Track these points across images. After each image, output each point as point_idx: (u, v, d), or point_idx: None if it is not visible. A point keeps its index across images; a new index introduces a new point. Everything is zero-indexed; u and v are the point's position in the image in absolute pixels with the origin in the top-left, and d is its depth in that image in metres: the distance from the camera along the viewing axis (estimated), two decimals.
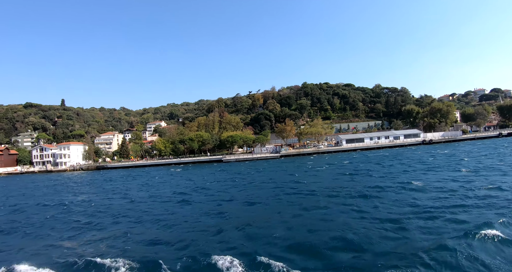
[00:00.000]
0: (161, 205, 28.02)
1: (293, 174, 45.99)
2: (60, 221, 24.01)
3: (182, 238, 16.55)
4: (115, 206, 29.14)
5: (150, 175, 66.89)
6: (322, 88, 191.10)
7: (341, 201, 22.96)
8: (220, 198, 28.95)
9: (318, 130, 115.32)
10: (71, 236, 19.39)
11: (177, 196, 32.13)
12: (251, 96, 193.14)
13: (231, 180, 44.36)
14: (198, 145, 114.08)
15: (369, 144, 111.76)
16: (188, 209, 25.03)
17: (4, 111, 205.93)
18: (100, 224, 21.94)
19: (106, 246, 16.40)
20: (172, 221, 20.86)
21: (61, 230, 21.05)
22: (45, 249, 16.92)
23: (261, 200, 26.13)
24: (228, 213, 22.01)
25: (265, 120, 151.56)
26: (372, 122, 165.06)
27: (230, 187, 36.46)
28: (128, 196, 35.12)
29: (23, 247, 17.69)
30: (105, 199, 34.39)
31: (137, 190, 41.39)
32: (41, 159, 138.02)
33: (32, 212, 29.54)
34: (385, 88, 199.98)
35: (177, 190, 37.71)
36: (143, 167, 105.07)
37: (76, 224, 22.57)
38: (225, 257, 12.94)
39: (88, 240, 17.98)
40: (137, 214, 24.40)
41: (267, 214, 20.78)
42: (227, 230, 17.44)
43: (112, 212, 25.93)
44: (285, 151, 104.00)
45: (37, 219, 25.52)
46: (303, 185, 32.89)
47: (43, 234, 20.43)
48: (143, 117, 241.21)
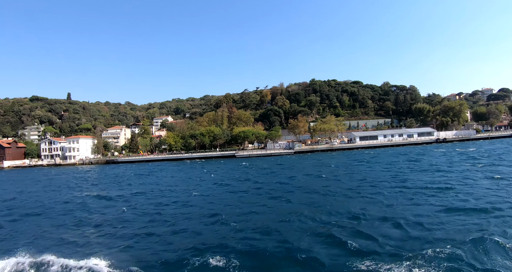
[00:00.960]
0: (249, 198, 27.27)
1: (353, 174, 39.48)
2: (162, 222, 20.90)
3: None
4: (199, 202, 26.92)
5: (175, 170, 65.49)
6: (331, 85, 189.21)
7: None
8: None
9: (331, 127, 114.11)
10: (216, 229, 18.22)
11: (254, 189, 31.32)
12: (258, 92, 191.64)
13: (272, 176, 43.05)
14: (209, 140, 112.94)
15: (383, 141, 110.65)
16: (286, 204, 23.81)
17: (10, 105, 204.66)
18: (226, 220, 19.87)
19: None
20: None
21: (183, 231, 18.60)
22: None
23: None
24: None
25: (275, 116, 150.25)
26: (381, 120, 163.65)
27: (280, 183, 35.42)
28: (195, 190, 33.47)
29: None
30: (174, 197, 30.32)
31: (190, 184, 39.28)
32: (49, 152, 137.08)
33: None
34: (393, 86, 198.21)
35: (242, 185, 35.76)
36: (154, 161, 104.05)
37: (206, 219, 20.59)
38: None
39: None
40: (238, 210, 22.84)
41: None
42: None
43: (209, 211, 22.83)
44: (298, 147, 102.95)
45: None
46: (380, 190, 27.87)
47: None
48: (149, 112, 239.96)
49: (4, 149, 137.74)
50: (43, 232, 19.68)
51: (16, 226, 21.89)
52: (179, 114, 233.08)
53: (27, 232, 19.90)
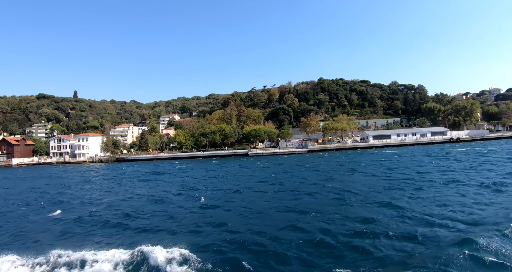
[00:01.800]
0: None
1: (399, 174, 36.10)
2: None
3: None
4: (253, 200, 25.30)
5: (200, 169, 64.28)
6: (338, 84, 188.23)
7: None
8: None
9: (343, 126, 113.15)
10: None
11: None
12: (266, 90, 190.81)
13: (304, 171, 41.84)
14: (220, 138, 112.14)
15: (397, 140, 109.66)
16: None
17: (17, 102, 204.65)
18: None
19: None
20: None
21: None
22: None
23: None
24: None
25: (284, 115, 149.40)
26: (391, 119, 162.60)
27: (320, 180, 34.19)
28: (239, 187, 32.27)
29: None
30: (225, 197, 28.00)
31: (228, 183, 37.05)
32: (58, 150, 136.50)
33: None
34: (401, 85, 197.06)
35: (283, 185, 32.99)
36: (166, 159, 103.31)
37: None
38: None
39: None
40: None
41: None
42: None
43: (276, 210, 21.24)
44: (312, 146, 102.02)
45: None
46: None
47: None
48: (155, 111, 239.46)
49: (12, 146, 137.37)
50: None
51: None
52: (185, 113, 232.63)
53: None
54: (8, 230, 19.91)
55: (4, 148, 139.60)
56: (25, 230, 19.64)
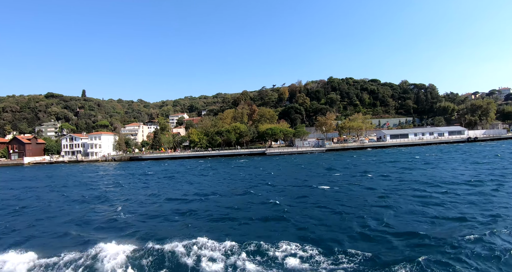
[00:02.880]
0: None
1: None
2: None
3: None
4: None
5: (226, 166, 63.42)
6: (349, 83, 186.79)
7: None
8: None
9: (359, 125, 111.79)
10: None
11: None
12: (275, 89, 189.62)
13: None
14: (235, 137, 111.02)
15: (414, 139, 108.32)
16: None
17: (26, 101, 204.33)
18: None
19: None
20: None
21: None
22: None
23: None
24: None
25: (296, 114, 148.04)
26: (403, 119, 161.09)
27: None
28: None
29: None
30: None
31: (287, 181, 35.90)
32: (70, 149, 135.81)
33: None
34: (412, 85, 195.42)
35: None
36: (182, 158, 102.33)
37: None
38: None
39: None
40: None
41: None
42: None
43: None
44: (329, 145, 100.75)
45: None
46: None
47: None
48: (163, 110, 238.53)
49: (24, 145, 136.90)
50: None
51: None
52: (193, 112, 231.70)
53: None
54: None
55: (15, 146, 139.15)
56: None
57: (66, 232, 18.30)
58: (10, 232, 19.42)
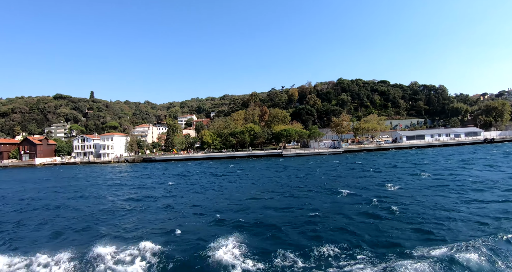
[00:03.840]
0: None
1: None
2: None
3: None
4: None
5: (255, 168, 62.38)
6: (358, 84, 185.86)
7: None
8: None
9: (374, 126, 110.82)
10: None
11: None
12: (285, 91, 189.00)
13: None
14: (250, 138, 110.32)
15: (431, 141, 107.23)
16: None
17: (35, 102, 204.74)
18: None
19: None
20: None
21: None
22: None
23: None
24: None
25: (307, 115, 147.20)
26: (414, 120, 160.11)
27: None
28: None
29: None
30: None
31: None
32: (82, 150, 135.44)
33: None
34: (422, 86, 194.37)
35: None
36: (197, 160, 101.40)
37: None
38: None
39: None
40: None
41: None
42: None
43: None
44: (346, 147, 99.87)
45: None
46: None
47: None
48: (171, 111, 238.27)
49: (35, 146, 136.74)
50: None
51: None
52: (201, 113, 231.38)
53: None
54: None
55: (27, 147, 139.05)
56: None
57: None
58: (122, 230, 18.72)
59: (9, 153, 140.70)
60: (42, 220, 22.83)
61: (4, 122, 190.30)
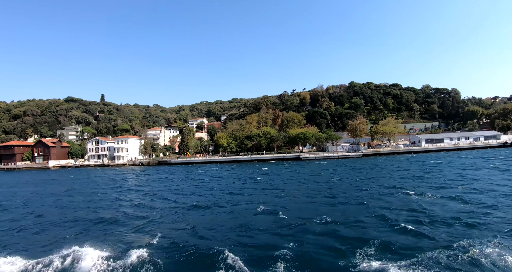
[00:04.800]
0: None
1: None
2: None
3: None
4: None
5: (286, 171, 61.27)
6: (370, 87, 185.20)
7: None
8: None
9: (392, 130, 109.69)
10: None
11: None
12: (296, 94, 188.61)
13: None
14: (266, 142, 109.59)
15: (450, 144, 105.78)
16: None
17: (46, 105, 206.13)
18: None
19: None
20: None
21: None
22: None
23: None
24: None
25: (321, 118, 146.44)
26: (428, 124, 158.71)
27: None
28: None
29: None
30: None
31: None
32: (96, 152, 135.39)
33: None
34: (434, 89, 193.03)
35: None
36: (213, 163, 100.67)
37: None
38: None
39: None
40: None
41: None
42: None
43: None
44: (365, 150, 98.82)
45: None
46: None
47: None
48: (180, 114, 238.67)
49: (49, 148, 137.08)
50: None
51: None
52: (211, 117, 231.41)
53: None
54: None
55: (40, 149, 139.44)
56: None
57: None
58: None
59: (23, 155, 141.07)
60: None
61: (16, 124, 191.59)
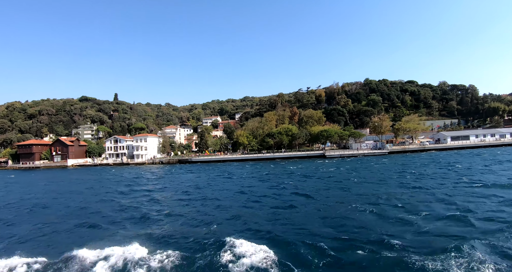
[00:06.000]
0: None
1: None
2: None
3: None
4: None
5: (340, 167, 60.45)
6: (386, 84, 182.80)
7: None
8: None
9: (415, 127, 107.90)
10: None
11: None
12: (310, 92, 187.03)
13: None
14: (288, 139, 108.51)
15: (476, 142, 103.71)
16: None
17: (61, 104, 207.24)
18: None
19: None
20: None
21: None
22: None
23: None
24: None
25: (339, 116, 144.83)
26: (448, 121, 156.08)
27: None
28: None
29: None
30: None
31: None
32: (115, 151, 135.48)
33: None
34: (451, 86, 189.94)
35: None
36: (235, 161, 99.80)
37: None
38: None
39: None
40: None
41: None
42: None
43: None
44: (390, 147, 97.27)
45: None
46: None
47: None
48: (193, 113, 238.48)
49: (67, 147, 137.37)
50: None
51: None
52: (224, 115, 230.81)
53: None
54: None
55: (58, 148, 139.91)
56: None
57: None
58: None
59: (41, 154, 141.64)
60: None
61: (31, 124, 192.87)
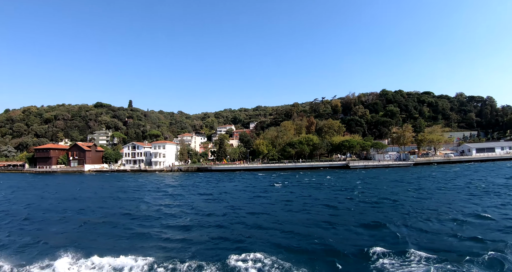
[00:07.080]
0: None
1: None
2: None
3: None
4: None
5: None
6: (403, 95, 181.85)
7: None
8: None
9: (439, 138, 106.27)
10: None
11: None
12: (326, 102, 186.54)
13: None
14: (309, 149, 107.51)
15: (502, 154, 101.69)
16: None
17: (76, 110, 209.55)
18: None
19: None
20: None
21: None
22: None
23: None
24: None
25: (357, 126, 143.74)
26: (467, 133, 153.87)
27: None
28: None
29: None
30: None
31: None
32: (132, 157, 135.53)
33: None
34: (468, 97, 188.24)
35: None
36: (256, 170, 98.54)
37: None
38: None
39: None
40: None
41: None
42: None
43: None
44: (414, 159, 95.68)
45: None
46: None
47: None
48: (207, 121, 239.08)
49: (84, 152, 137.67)
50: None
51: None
52: (238, 124, 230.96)
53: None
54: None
55: (76, 153, 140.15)
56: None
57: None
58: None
59: (58, 158, 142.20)
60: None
61: (47, 128, 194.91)
